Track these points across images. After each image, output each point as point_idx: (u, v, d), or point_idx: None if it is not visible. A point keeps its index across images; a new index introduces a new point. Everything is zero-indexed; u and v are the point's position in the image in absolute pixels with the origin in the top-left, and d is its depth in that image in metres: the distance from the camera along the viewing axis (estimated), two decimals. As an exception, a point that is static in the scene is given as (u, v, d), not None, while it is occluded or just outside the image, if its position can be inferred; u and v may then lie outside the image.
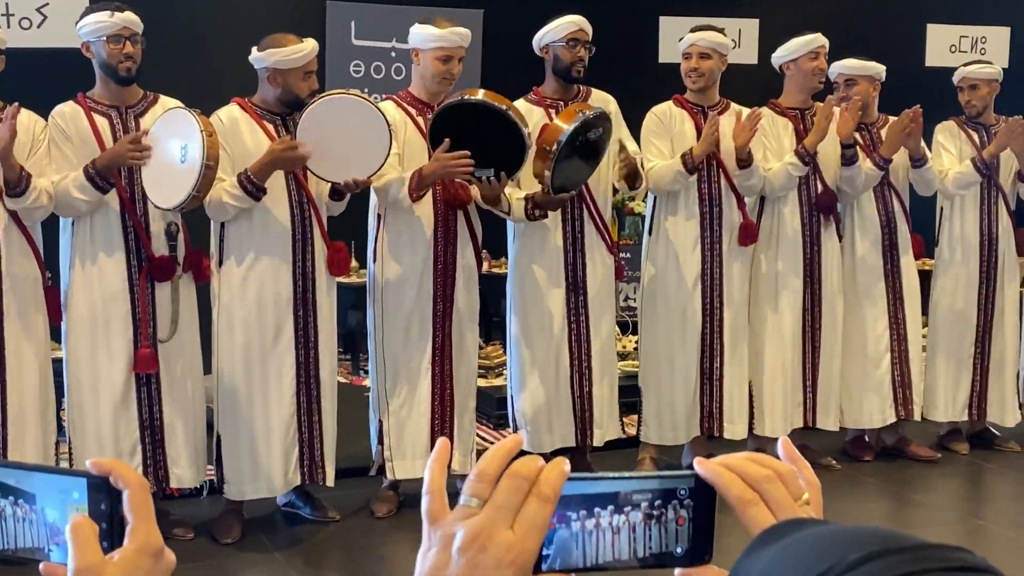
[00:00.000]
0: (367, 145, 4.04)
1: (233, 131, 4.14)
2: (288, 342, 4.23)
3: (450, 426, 4.50)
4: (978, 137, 5.31)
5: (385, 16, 7.38)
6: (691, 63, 4.81)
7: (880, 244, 5.19)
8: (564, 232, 4.68)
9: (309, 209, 4.25)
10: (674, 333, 4.88)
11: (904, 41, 7.95)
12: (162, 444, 4.20)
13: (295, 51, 4.12)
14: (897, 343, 5.23)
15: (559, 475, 0.73)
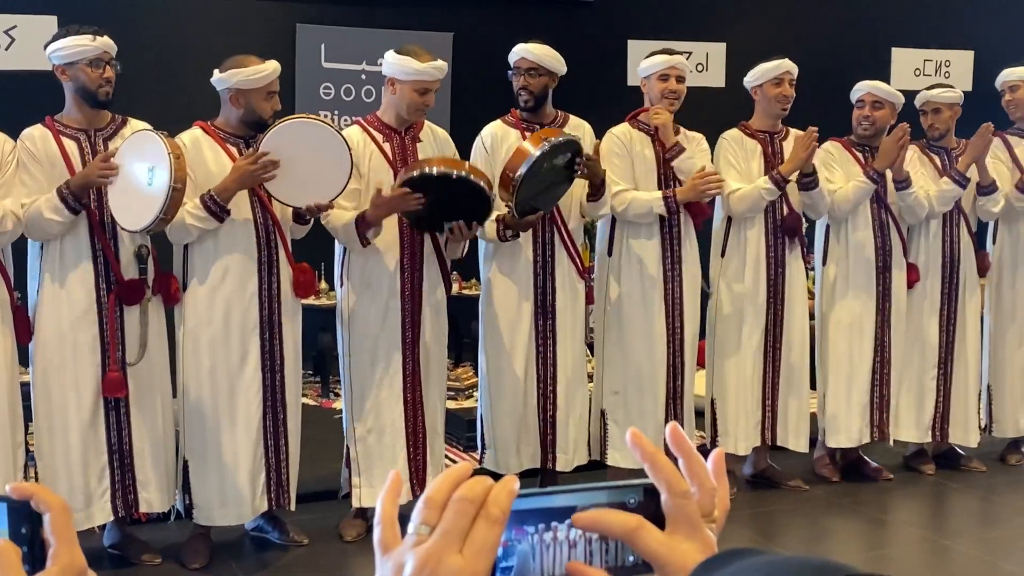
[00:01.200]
0: (328, 170, 4.05)
1: (196, 154, 4.14)
2: (254, 365, 4.23)
3: (423, 451, 4.50)
4: (939, 160, 5.37)
5: (355, 39, 7.40)
6: (670, 85, 4.81)
7: (874, 269, 5.23)
8: (535, 257, 4.69)
9: (274, 231, 4.24)
10: (640, 353, 4.90)
11: (869, 65, 8.02)
12: (131, 468, 4.17)
13: (257, 71, 4.14)
14: (880, 365, 5.28)
15: (507, 495, 0.73)
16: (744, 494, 5.11)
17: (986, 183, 5.30)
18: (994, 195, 5.31)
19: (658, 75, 4.83)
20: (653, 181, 4.86)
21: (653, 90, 4.85)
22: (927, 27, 9.06)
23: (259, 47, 4.43)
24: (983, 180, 5.30)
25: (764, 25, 8.68)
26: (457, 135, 4.89)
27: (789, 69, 5.03)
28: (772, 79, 5.03)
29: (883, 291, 5.26)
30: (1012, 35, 9.00)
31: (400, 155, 4.41)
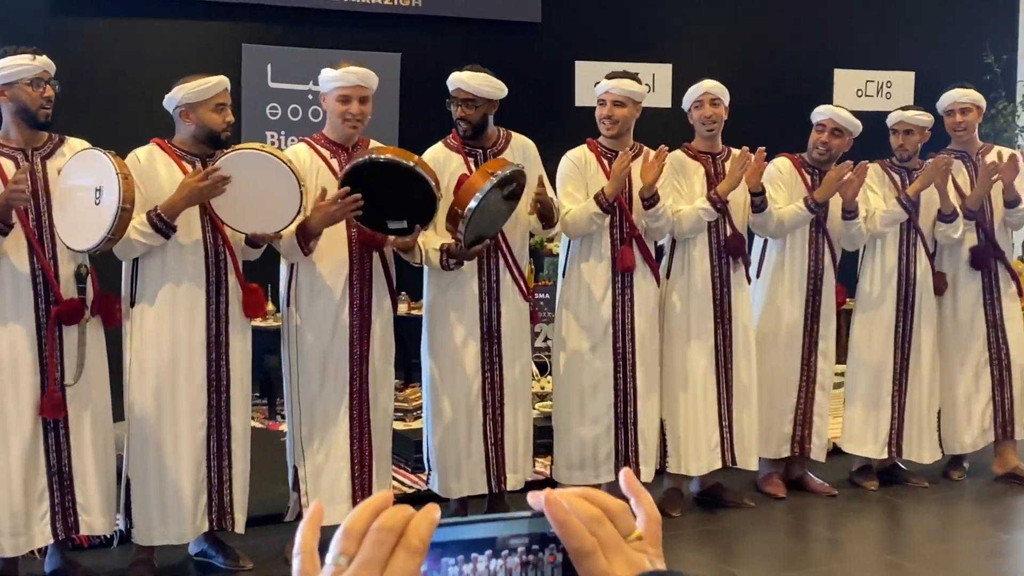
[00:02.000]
0: (276, 203, 4.04)
1: (149, 169, 4.12)
2: (200, 385, 4.19)
3: (369, 471, 4.47)
4: (900, 180, 5.44)
5: (301, 59, 7.38)
6: (605, 110, 4.87)
7: (804, 290, 5.29)
8: (480, 280, 4.68)
9: (224, 251, 4.21)
10: (586, 377, 4.90)
11: (812, 86, 8.14)
12: (71, 491, 4.11)
13: (202, 83, 4.13)
14: (805, 383, 5.35)
15: (428, 525, 0.73)
16: (691, 512, 5.13)
17: (947, 211, 5.37)
18: (955, 222, 5.38)
19: (597, 100, 4.87)
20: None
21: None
22: (869, 49, 9.20)
23: (205, 67, 4.40)
24: (945, 208, 5.38)
25: (710, 46, 8.76)
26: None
27: (707, 90, 5.08)
28: (694, 102, 5.10)
29: (813, 311, 5.32)
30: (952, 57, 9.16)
31: None
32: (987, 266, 5.53)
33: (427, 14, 8.00)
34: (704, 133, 5.12)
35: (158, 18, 7.37)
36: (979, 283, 5.55)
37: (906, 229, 5.42)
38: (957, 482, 5.64)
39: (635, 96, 4.87)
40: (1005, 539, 4.96)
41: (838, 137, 5.26)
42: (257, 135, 7.24)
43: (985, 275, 5.55)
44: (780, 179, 5.24)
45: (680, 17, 8.83)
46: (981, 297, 5.56)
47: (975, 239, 5.54)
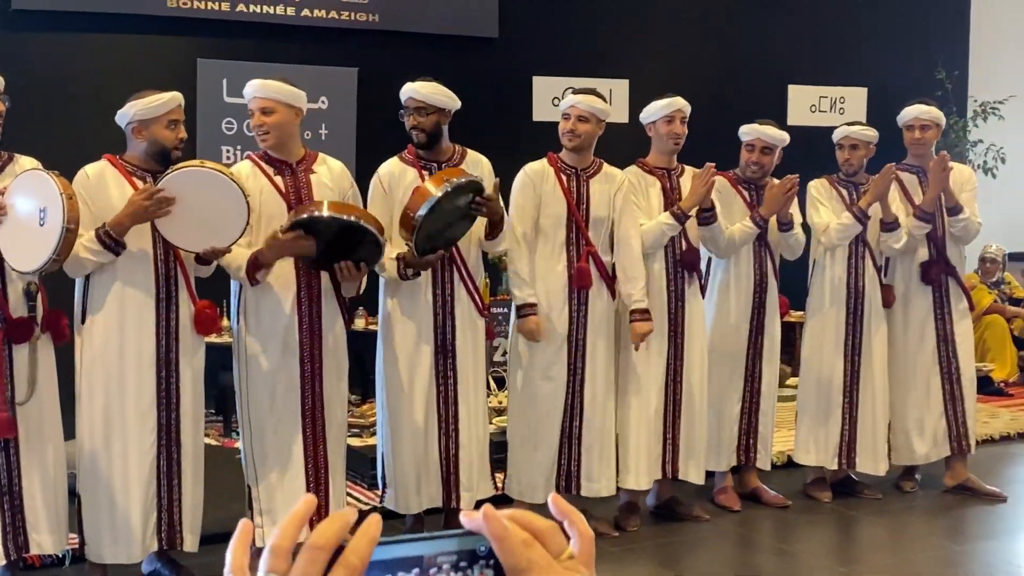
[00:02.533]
0: (224, 217, 4.02)
1: (99, 185, 4.09)
2: (150, 403, 4.16)
3: (325, 487, 4.45)
4: (847, 194, 5.50)
5: (257, 73, 7.25)
6: (569, 124, 4.89)
7: (752, 301, 5.34)
8: (435, 295, 4.68)
9: (175, 267, 4.19)
10: (541, 392, 4.91)
11: (767, 101, 8.22)
12: (21, 510, 4.06)
13: (155, 100, 4.11)
14: (750, 394, 5.40)
15: (367, 542, 0.71)
16: (647, 526, 5.14)
17: (889, 220, 5.43)
18: (896, 232, 5.44)
19: (562, 114, 4.90)
20: (563, 223, 4.88)
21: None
22: (822, 64, 9.30)
23: (160, 82, 4.37)
24: (886, 217, 5.43)
25: (666, 62, 8.83)
26: (362, 169, 4.88)
27: (680, 107, 5.12)
28: (664, 117, 5.12)
29: (758, 324, 5.38)
30: (904, 73, 9.28)
31: (293, 188, 4.38)
32: (938, 281, 5.59)
33: (384, 29, 8.00)
34: (670, 148, 5.15)
35: (113, 33, 7.32)
36: (930, 298, 5.61)
37: (854, 242, 5.48)
38: (909, 493, 5.69)
39: (599, 114, 4.90)
40: (957, 550, 5.01)
41: (768, 154, 5.34)
42: (213, 150, 7.22)
43: (936, 290, 5.61)
44: (719, 197, 5.28)
45: (637, 33, 8.89)
46: (932, 311, 5.62)
47: (927, 254, 5.60)
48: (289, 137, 4.40)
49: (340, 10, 7.86)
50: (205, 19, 7.49)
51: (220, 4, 7.52)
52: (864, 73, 9.31)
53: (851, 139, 5.48)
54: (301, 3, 7.75)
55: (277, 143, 4.37)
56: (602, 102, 4.94)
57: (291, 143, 4.42)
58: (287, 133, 4.38)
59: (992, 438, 6.83)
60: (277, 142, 4.36)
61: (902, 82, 8.72)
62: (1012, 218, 9.51)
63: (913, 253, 5.60)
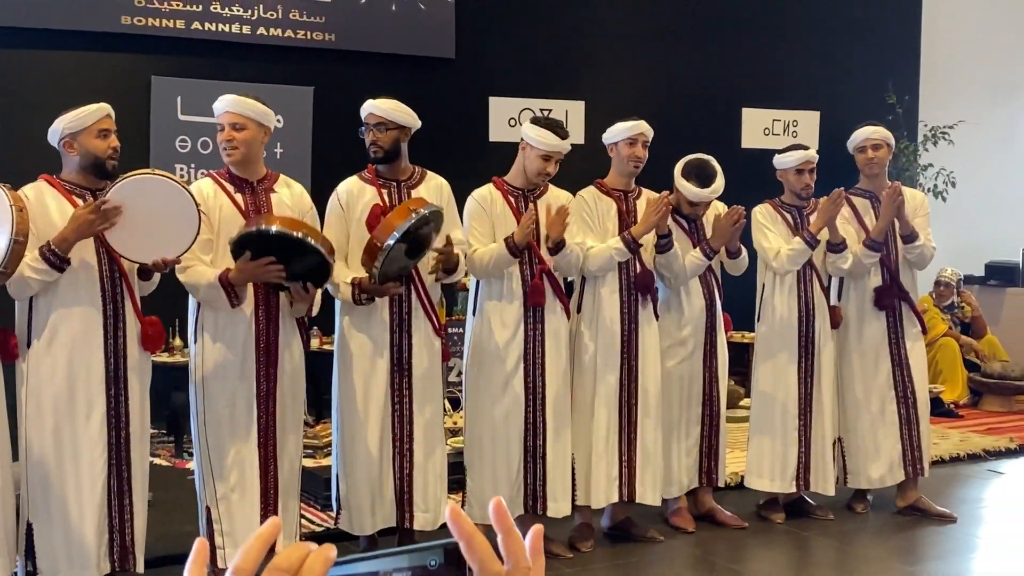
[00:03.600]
0: (174, 226, 3.98)
1: (39, 206, 4.03)
2: (100, 423, 4.10)
3: (275, 508, 4.41)
4: (791, 219, 5.55)
5: (212, 91, 7.25)
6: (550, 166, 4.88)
7: (704, 322, 5.38)
8: (391, 313, 4.67)
9: (121, 284, 4.14)
10: (497, 412, 4.91)
11: (721, 124, 8.31)
12: (-31, 532, 3.99)
13: (82, 112, 4.08)
14: (709, 417, 5.43)
15: (323, 563, 0.72)
16: (602, 547, 5.14)
17: (836, 241, 5.48)
18: (843, 252, 5.50)
19: (543, 154, 4.88)
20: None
21: (532, 163, 4.91)
22: (775, 88, 9.41)
23: (113, 99, 4.33)
24: (833, 239, 5.48)
25: (621, 84, 8.89)
26: (318, 189, 4.87)
27: (643, 131, 5.15)
28: (627, 139, 5.15)
29: (710, 347, 5.41)
30: (857, 97, 9.42)
31: (253, 207, 4.36)
32: (891, 306, 5.64)
33: (340, 48, 8.00)
34: (630, 170, 5.17)
35: (66, 50, 7.27)
36: (884, 322, 5.66)
37: (802, 265, 5.52)
38: (861, 515, 5.73)
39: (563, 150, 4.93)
40: (909, 571, 5.05)
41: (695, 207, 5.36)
42: (166, 167, 7.15)
43: (890, 314, 5.66)
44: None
45: (593, 55, 8.95)
46: (887, 336, 5.66)
47: (880, 279, 5.65)
48: (255, 155, 4.40)
49: (296, 29, 7.85)
50: (160, 36, 7.45)
51: (175, 21, 7.48)
52: (817, 97, 9.43)
53: (811, 163, 5.52)
54: (257, 21, 7.73)
55: (243, 159, 4.36)
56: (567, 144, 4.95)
57: (255, 161, 4.42)
58: (254, 151, 4.38)
59: (942, 459, 6.90)
60: (243, 159, 4.35)
61: (854, 106, 8.85)
62: (961, 242, 9.65)
63: (865, 277, 5.65)
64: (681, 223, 5.39)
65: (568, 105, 8.45)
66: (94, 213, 3.90)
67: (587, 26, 8.95)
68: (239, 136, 4.32)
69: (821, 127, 9.27)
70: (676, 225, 5.36)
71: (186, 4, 7.51)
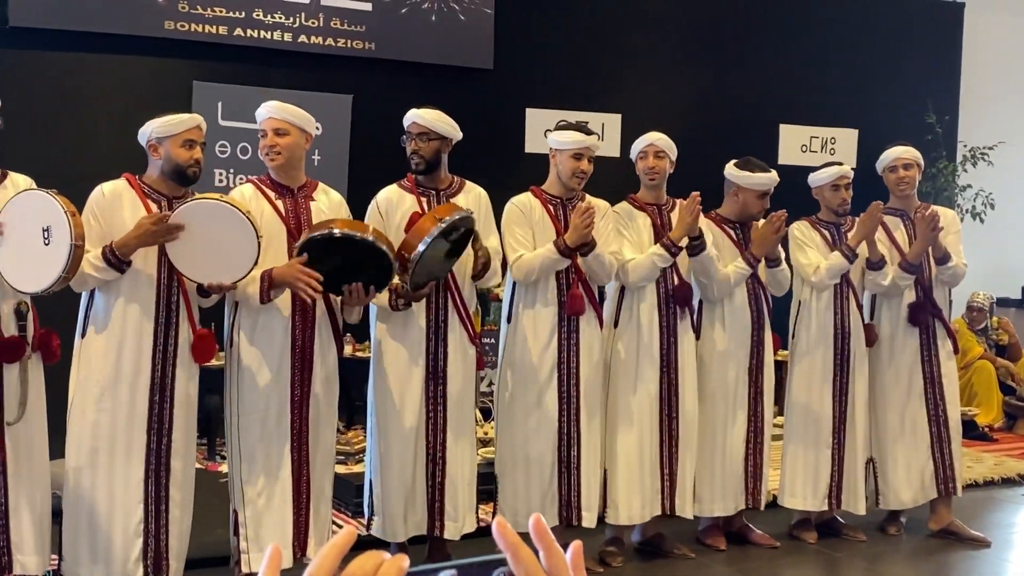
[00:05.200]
0: (234, 252, 4.03)
1: (113, 204, 4.11)
2: (141, 427, 4.14)
3: (306, 514, 4.42)
4: (829, 236, 5.53)
5: (252, 97, 7.33)
6: (581, 164, 4.90)
7: (749, 340, 5.34)
8: (427, 321, 4.68)
9: (178, 293, 4.19)
10: (531, 422, 4.90)
11: (758, 139, 8.27)
12: (6, 530, 4.02)
13: (172, 119, 4.16)
14: (754, 435, 5.38)
15: (397, 572, 0.73)
16: (632, 562, 5.13)
17: (875, 258, 5.46)
18: (883, 269, 5.47)
19: (572, 153, 4.89)
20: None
21: (564, 165, 4.92)
22: (813, 105, 9.36)
23: (156, 104, 4.39)
24: (872, 256, 5.46)
25: (658, 98, 8.88)
26: (354, 197, 4.89)
27: (653, 142, 5.15)
28: (639, 153, 5.19)
29: (757, 363, 5.38)
30: (895, 116, 9.35)
31: (293, 213, 4.40)
32: (925, 323, 5.61)
33: (380, 57, 8.04)
34: (647, 183, 5.19)
35: (110, 53, 7.33)
36: (917, 340, 5.63)
37: (838, 282, 5.49)
38: (894, 537, 5.68)
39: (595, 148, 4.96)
40: (940, 594, 5.01)
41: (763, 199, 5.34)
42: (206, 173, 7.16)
43: (923, 332, 5.62)
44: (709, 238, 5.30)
45: (630, 69, 8.95)
46: (919, 354, 5.62)
47: (913, 295, 5.62)
48: (297, 160, 4.44)
49: (337, 37, 7.89)
50: (202, 42, 7.51)
51: (217, 27, 7.54)
52: (855, 115, 9.38)
53: (847, 179, 5.51)
54: (299, 29, 7.78)
55: (285, 165, 4.40)
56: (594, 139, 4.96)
57: (296, 167, 4.46)
58: (296, 156, 4.42)
59: (976, 483, 6.84)
60: (285, 164, 4.39)
61: (892, 125, 8.79)
62: (999, 264, 9.57)
63: (900, 295, 5.62)
64: (730, 233, 5.37)
65: (604, 118, 8.45)
66: (156, 225, 3.96)
67: (625, 39, 8.95)
68: (282, 142, 4.36)
69: (859, 145, 9.23)
70: (724, 234, 5.35)
71: (229, 11, 7.57)
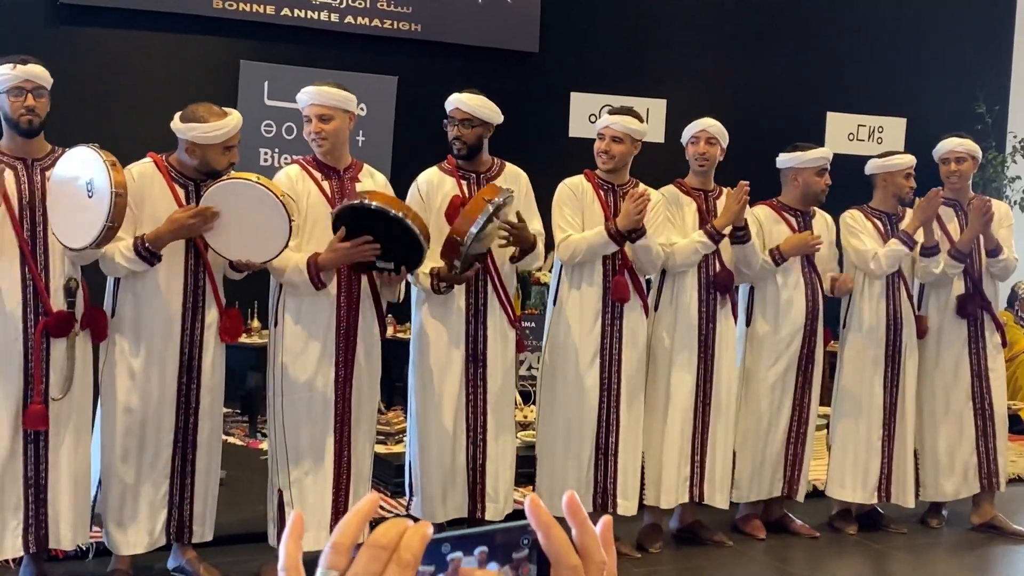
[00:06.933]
0: (266, 231, 4.04)
1: (142, 189, 4.13)
2: (169, 406, 4.21)
3: (346, 493, 4.44)
4: (881, 225, 5.47)
5: (299, 77, 7.34)
6: (603, 144, 4.89)
7: (803, 330, 5.30)
8: (467, 303, 4.68)
9: (204, 276, 4.23)
10: (571, 406, 4.90)
11: (804, 127, 8.18)
12: (45, 504, 4.07)
13: (215, 127, 4.12)
14: (797, 424, 5.34)
15: (420, 539, 0.72)
16: (669, 549, 5.12)
17: (930, 244, 5.40)
18: (936, 257, 5.42)
19: (597, 133, 4.91)
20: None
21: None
22: (861, 93, 9.27)
23: (202, 82, 4.42)
24: (927, 242, 5.40)
25: (704, 84, 8.82)
26: (398, 179, 4.89)
27: (705, 128, 5.12)
28: (690, 138, 5.16)
29: (807, 352, 5.33)
30: (944, 105, 9.23)
31: (339, 194, 4.40)
32: (973, 314, 5.55)
33: (426, 39, 8.04)
34: (696, 169, 5.16)
35: (158, 31, 7.38)
36: (965, 331, 5.57)
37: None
38: (935, 530, 5.64)
39: (634, 134, 4.89)
40: (981, 588, 4.96)
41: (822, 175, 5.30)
42: (251, 152, 7.25)
43: (971, 324, 5.56)
44: (760, 226, 5.26)
45: (677, 55, 8.89)
46: (967, 346, 5.57)
47: (963, 287, 5.56)
48: (342, 143, 4.45)
49: (383, 18, 7.90)
50: (249, 21, 7.54)
51: (265, 7, 7.57)
52: (904, 104, 9.27)
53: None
54: (345, 10, 7.79)
55: (331, 148, 4.40)
56: (637, 122, 4.91)
57: (342, 149, 4.46)
58: (342, 139, 4.43)
59: (1020, 477, 6.76)
60: (332, 147, 4.40)
61: (942, 114, 8.69)
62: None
63: (948, 286, 5.56)
64: (790, 221, 5.33)
65: (649, 103, 8.39)
66: (194, 218, 3.99)
67: (671, 24, 8.89)
68: (327, 127, 4.36)
69: (908, 134, 9.12)
70: (786, 223, 5.31)
71: (276, -10, 7.59)
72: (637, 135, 4.91)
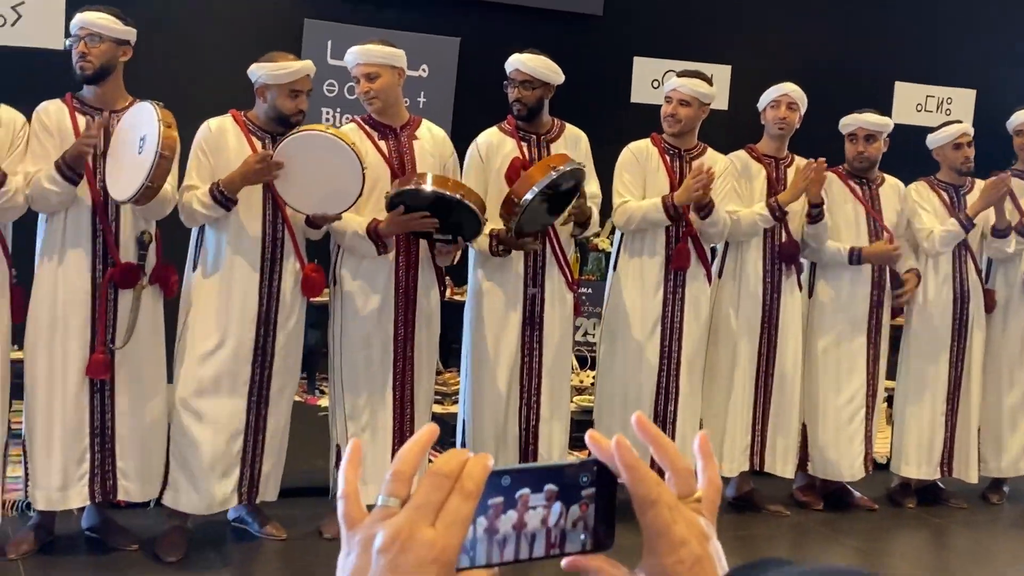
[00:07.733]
0: (339, 183, 4.06)
1: (219, 140, 4.17)
2: (246, 360, 4.22)
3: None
4: (949, 197, 5.38)
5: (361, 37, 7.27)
6: (670, 108, 4.84)
7: (868, 300, 5.23)
8: (525, 266, 4.67)
9: (283, 229, 4.24)
10: (630, 372, 4.88)
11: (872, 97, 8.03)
12: (112, 454, 4.13)
13: (281, 67, 4.15)
14: (871, 399, 5.27)
15: (482, 470, 0.72)
16: (725, 516, 5.10)
17: (1002, 226, 5.31)
18: (1008, 238, 5.33)
19: (664, 96, 4.86)
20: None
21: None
22: (930, 63, 9.09)
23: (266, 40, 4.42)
24: (999, 223, 5.31)
25: (769, 51, 8.69)
26: (458, 139, 4.88)
27: (787, 92, 5.05)
28: (771, 102, 5.09)
29: (876, 324, 5.26)
30: (1014, 77, 9.04)
31: (396, 153, 4.40)
32: (1042, 290, 5.46)
33: (488, 1, 7.98)
34: (774, 132, 5.09)
35: (223, -13, 7.40)
36: (1031, 308, 5.48)
37: (957, 247, 5.35)
38: (996, 505, 5.58)
39: (703, 97, 4.84)
40: (1042, 566, 4.90)
41: (872, 143, 5.20)
42: (313, 111, 7.24)
43: (1038, 301, 5.48)
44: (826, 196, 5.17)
45: (742, 20, 8.77)
46: (1033, 322, 5.49)
47: (1032, 260, 5.47)
48: (395, 99, 4.44)
49: (447, -21, 7.85)
50: (314, -20, 7.53)
51: (329, -35, 7.55)
52: (974, 75, 9.08)
53: (968, 136, 5.36)
54: (409, -30, 7.75)
55: (384, 107, 4.39)
56: (706, 85, 4.86)
57: (396, 106, 4.45)
58: (393, 96, 4.42)
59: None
60: (384, 105, 4.39)
61: (1013, 87, 8.51)
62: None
63: (1017, 261, 5.47)
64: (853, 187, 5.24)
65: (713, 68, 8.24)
66: (260, 163, 4.00)
67: (738, -11, 8.76)
68: (375, 86, 4.35)
69: (977, 106, 8.94)
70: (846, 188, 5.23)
71: (341, -51, 7.57)
72: (705, 99, 4.85)
